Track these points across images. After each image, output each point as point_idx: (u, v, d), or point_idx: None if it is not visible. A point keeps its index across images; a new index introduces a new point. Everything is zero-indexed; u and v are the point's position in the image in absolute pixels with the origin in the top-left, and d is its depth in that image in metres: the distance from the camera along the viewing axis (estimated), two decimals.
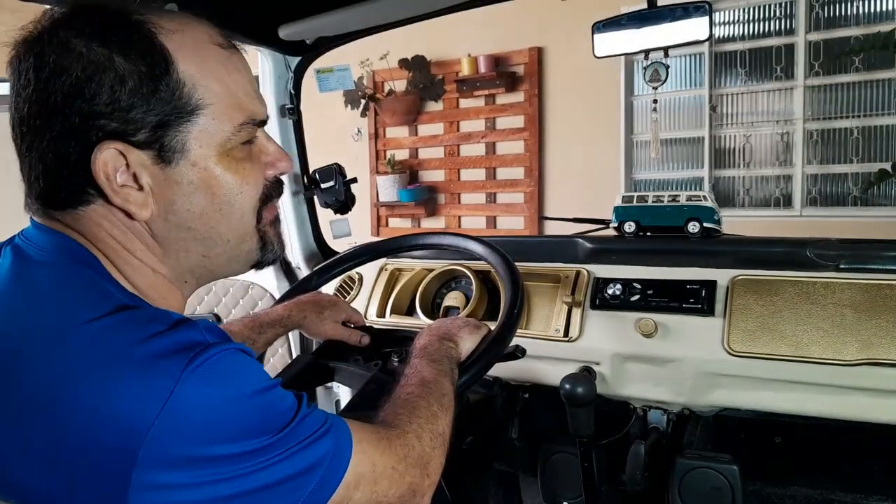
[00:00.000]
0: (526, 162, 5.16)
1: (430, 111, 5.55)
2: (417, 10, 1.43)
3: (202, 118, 0.62)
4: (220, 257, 0.68)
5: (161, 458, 0.52)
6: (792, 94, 4.31)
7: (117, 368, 0.54)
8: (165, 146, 0.61)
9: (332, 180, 1.64)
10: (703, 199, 1.34)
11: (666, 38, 1.27)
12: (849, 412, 1.11)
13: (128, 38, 0.59)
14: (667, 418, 1.26)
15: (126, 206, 0.61)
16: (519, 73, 5.11)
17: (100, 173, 0.60)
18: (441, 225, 5.60)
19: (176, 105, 0.61)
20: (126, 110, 0.59)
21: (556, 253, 1.42)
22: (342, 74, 1.72)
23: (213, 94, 0.63)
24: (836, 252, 1.19)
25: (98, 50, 0.58)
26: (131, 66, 0.59)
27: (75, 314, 0.57)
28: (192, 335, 0.57)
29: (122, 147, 0.60)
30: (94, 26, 0.59)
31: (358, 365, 1.08)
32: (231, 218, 0.66)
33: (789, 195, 4.42)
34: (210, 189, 0.64)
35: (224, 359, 0.56)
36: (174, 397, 0.52)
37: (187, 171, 0.63)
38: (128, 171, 0.61)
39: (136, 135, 0.60)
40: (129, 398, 0.52)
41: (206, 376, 0.55)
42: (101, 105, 0.58)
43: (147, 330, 0.56)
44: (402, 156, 5.70)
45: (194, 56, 0.62)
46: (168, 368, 0.54)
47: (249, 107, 0.66)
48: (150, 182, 0.62)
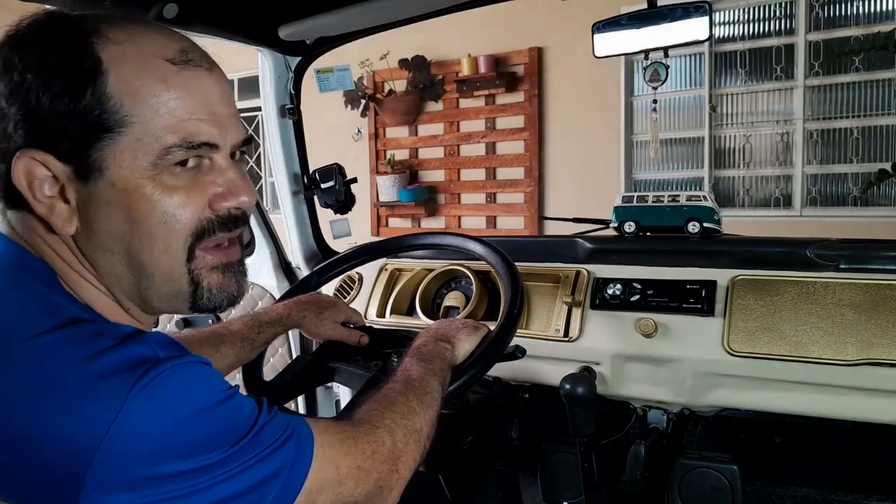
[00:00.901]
0: (526, 162, 5.16)
1: (430, 111, 5.55)
2: (417, 10, 1.43)
3: (126, 136, 0.58)
4: (150, 291, 0.63)
5: (110, 480, 0.51)
6: (792, 94, 4.31)
7: (62, 390, 0.52)
8: (85, 161, 0.58)
9: (332, 180, 1.64)
10: (703, 199, 1.34)
11: (666, 38, 1.27)
12: (849, 412, 1.11)
13: (63, 45, 0.58)
14: (667, 418, 1.26)
15: (49, 218, 0.59)
16: (519, 73, 5.11)
17: (20, 180, 0.58)
18: (441, 225, 5.60)
19: (98, 119, 0.57)
20: (48, 118, 0.57)
21: (556, 253, 1.42)
22: (342, 74, 1.72)
23: (143, 111, 0.58)
24: (836, 252, 1.19)
25: (33, 55, 0.57)
26: (59, 74, 0.57)
27: (21, 328, 0.55)
28: (141, 350, 0.54)
29: (42, 157, 0.57)
30: (41, 32, 0.58)
31: (358, 365, 1.08)
32: (153, 249, 0.61)
33: (789, 195, 4.42)
34: (130, 214, 0.59)
35: (175, 374, 0.54)
36: (121, 418, 0.51)
37: (105, 191, 0.58)
38: (56, 182, 0.58)
39: (58, 145, 0.57)
40: (75, 420, 0.51)
41: (154, 394, 0.52)
42: (27, 111, 0.57)
43: (94, 346, 0.54)
44: (402, 156, 5.71)
45: (132, 70, 0.58)
46: (114, 388, 0.52)
47: (188, 128, 0.60)
48: (74, 196, 0.59)
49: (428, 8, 1.42)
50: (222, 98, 0.63)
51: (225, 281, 0.66)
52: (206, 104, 0.61)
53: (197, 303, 0.64)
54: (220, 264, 0.65)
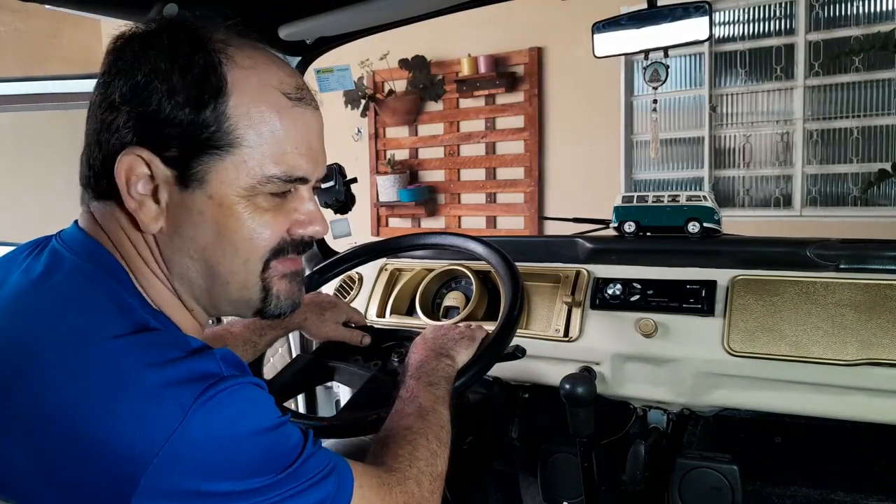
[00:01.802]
0: (526, 162, 5.16)
1: (430, 111, 5.55)
2: (417, 10, 1.43)
3: (233, 157, 0.62)
4: (220, 297, 0.67)
5: (163, 488, 0.52)
6: (792, 94, 4.31)
7: (130, 391, 0.53)
8: (189, 170, 0.61)
9: (333, 180, 1.64)
10: (703, 199, 1.34)
11: (666, 38, 1.27)
12: (848, 412, 1.11)
13: (193, 58, 0.61)
14: (667, 418, 1.26)
15: (137, 214, 0.62)
16: (519, 73, 5.11)
17: (120, 174, 0.61)
18: (441, 225, 5.60)
19: (212, 136, 0.61)
20: (164, 123, 0.60)
21: (556, 253, 1.42)
22: (342, 74, 1.72)
23: (254, 138, 0.62)
24: (836, 252, 1.19)
25: (163, 61, 0.60)
26: (185, 85, 0.60)
27: (94, 329, 0.57)
28: (208, 365, 0.56)
29: (149, 157, 0.61)
30: (171, 40, 0.62)
31: (358, 365, 1.09)
32: (233, 261, 0.65)
33: (789, 195, 4.42)
34: (219, 226, 0.63)
35: (236, 393, 0.56)
36: (182, 428, 0.52)
37: (201, 201, 0.62)
38: (151, 182, 0.62)
39: (166, 150, 0.61)
40: (138, 423, 0.52)
41: (216, 410, 0.54)
42: (147, 112, 0.60)
43: (164, 355, 0.56)
44: (402, 156, 5.71)
45: (253, 96, 0.62)
46: (179, 397, 0.53)
47: (290, 161, 0.64)
48: (167, 199, 0.62)
49: (428, 8, 1.42)
50: (319, 136, 0.68)
51: (291, 288, 0.70)
52: (307, 140, 0.66)
53: (265, 309, 0.69)
54: (289, 273, 0.69)
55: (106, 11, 1.17)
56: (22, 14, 5.84)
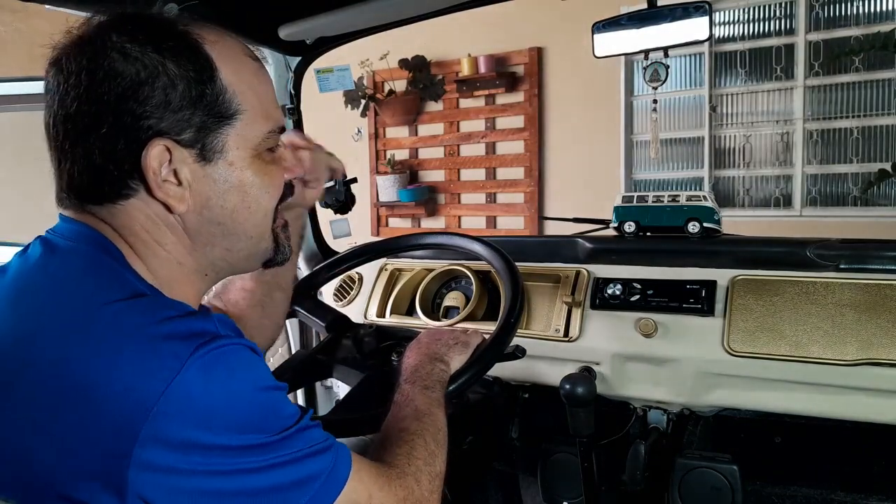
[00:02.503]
0: (526, 162, 5.16)
1: (430, 111, 5.55)
2: (417, 10, 1.44)
3: (239, 123, 0.67)
4: (241, 252, 0.72)
5: (161, 436, 0.53)
6: (792, 94, 4.31)
7: (129, 346, 0.56)
8: (207, 146, 0.66)
9: (332, 180, 1.64)
10: (703, 199, 1.34)
11: (666, 38, 1.27)
12: (848, 412, 1.11)
13: (178, 46, 0.64)
14: (667, 418, 1.26)
15: (166, 200, 0.65)
16: (519, 73, 5.11)
17: (149, 168, 0.63)
18: (441, 225, 5.60)
19: (219, 109, 0.66)
20: (175, 111, 0.63)
21: (556, 253, 1.42)
22: (342, 74, 1.72)
23: (248, 101, 0.68)
24: (836, 252, 1.19)
25: (152, 56, 0.63)
26: (182, 72, 0.63)
27: (94, 297, 0.60)
28: (204, 325, 0.59)
29: (170, 144, 0.64)
30: (146, 34, 0.64)
31: (355, 364, 1.09)
32: (257, 216, 0.71)
33: (789, 195, 4.42)
34: (243, 188, 0.69)
35: (232, 352, 0.58)
36: (179, 379, 0.54)
37: (224, 171, 0.67)
38: (169, 166, 0.65)
39: (181, 134, 0.64)
40: (137, 374, 0.54)
41: (212, 364, 0.56)
42: (154, 106, 0.63)
43: (161, 314, 0.59)
44: (402, 156, 5.71)
45: (232, 66, 0.67)
46: (176, 350, 0.56)
47: (275, 115, 0.71)
48: (188, 178, 0.66)
49: (428, 8, 1.42)
50: (273, 89, 0.75)
51: (287, 236, 0.78)
52: (274, 93, 0.73)
53: (275, 258, 0.76)
54: (283, 222, 0.77)
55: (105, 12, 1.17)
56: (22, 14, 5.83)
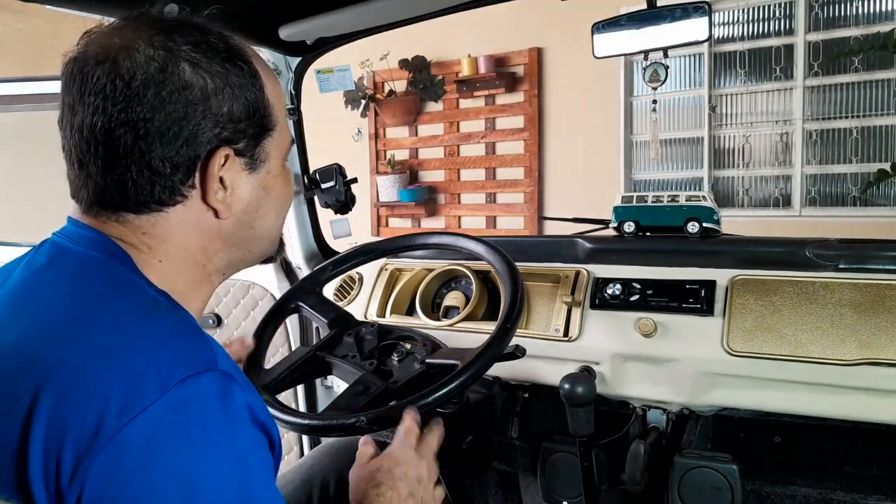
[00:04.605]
0: (526, 162, 5.16)
1: (430, 111, 5.55)
2: (417, 11, 1.44)
3: (276, 133, 0.71)
4: (258, 252, 0.77)
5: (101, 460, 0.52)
6: (791, 94, 4.32)
7: (124, 356, 0.56)
8: (255, 155, 0.69)
9: (333, 180, 1.64)
10: (703, 199, 1.35)
11: (665, 39, 1.27)
12: (848, 412, 1.11)
13: (236, 59, 0.67)
14: (666, 418, 1.26)
15: (216, 206, 0.68)
16: (519, 73, 5.11)
17: (212, 175, 0.66)
18: (441, 225, 5.61)
19: (266, 121, 0.69)
20: (236, 121, 0.66)
21: (555, 253, 1.42)
22: (342, 75, 1.72)
23: (280, 113, 0.72)
24: (836, 252, 1.19)
25: (218, 67, 0.65)
26: (243, 84, 0.67)
27: (99, 298, 0.60)
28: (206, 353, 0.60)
29: (229, 152, 0.67)
30: (209, 46, 0.65)
31: (354, 362, 1.09)
32: (280, 219, 0.76)
33: (788, 195, 4.42)
34: (274, 194, 0.73)
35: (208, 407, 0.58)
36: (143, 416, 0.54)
37: (264, 178, 0.71)
38: (223, 174, 0.67)
39: (238, 143, 0.67)
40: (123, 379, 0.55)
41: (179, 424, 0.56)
42: (220, 115, 0.65)
43: (169, 329, 0.60)
44: (402, 156, 5.71)
45: (270, 80, 0.71)
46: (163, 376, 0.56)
47: (289, 127, 0.77)
48: (233, 185, 0.68)
49: (428, 8, 1.43)
50: None
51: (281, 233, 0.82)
52: None
53: (276, 255, 0.80)
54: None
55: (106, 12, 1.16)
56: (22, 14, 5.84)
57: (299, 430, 1.00)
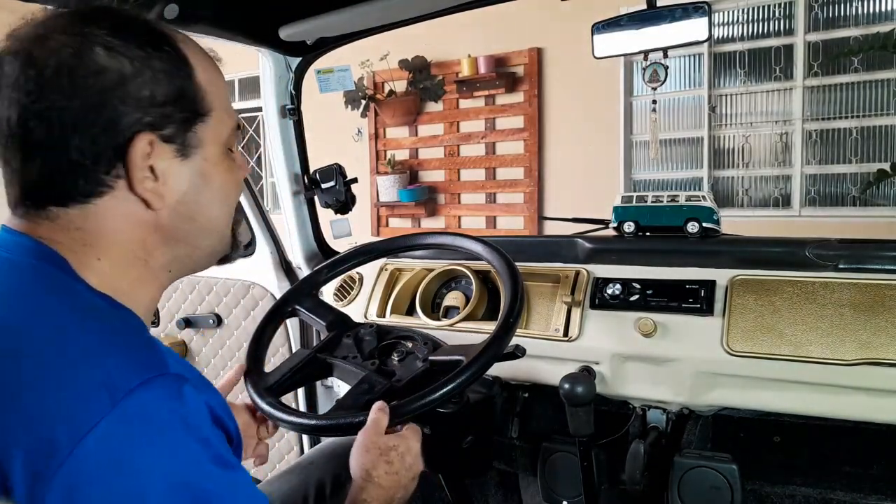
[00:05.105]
0: (526, 162, 5.16)
1: (430, 112, 5.55)
2: (417, 11, 1.44)
3: (212, 119, 0.68)
4: (206, 249, 0.73)
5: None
6: (791, 94, 4.32)
7: (70, 372, 0.55)
8: (186, 142, 0.66)
9: (333, 180, 1.64)
10: (703, 199, 1.35)
11: (665, 39, 1.27)
12: (847, 412, 1.11)
13: (160, 43, 0.65)
14: (666, 418, 1.26)
15: (145, 195, 0.64)
16: (519, 73, 5.12)
17: (133, 163, 0.63)
18: (441, 225, 5.61)
19: (197, 106, 0.67)
20: (159, 106, 0.64)
21: (555, 253, 1.42)
22: (343, 75, 1.72)
23: (217, 99, 0.69)
24: (835, 252, 1.19)
25: (136, 51, 0.63)
26: (165, 68, 0.64)
27: (39, 313, 0.58)
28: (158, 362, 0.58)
29: (153, 138, 0.64)
30: (126, 29, 0.64)
31: (355, 363, 1.09)
32: (224, 212, 0.73)
33: (788, 195, 4.43)
34: (216, 184, 0.70)
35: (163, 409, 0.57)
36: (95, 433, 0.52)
37: (200, 166, 0.68)
38: (147, 162, 0.64)
39: (164, 129, 0.64)
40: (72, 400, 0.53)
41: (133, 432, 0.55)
42: (139, 100, 0.62)
43: (110, 337, 0.58)
44: (402, 156, 5.71)
45: (202, 64, 0.68)
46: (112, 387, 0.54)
47: (234, 114, 0.72)
48: (166, 174, 0.65)
49: (428, 8, 1.43)
50: None
51: (238, 232, 0.79)
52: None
53: (231, 254, 0.77)
54: (236, 219, 0.77)
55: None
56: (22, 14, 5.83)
57: (307, 431, 1.00)
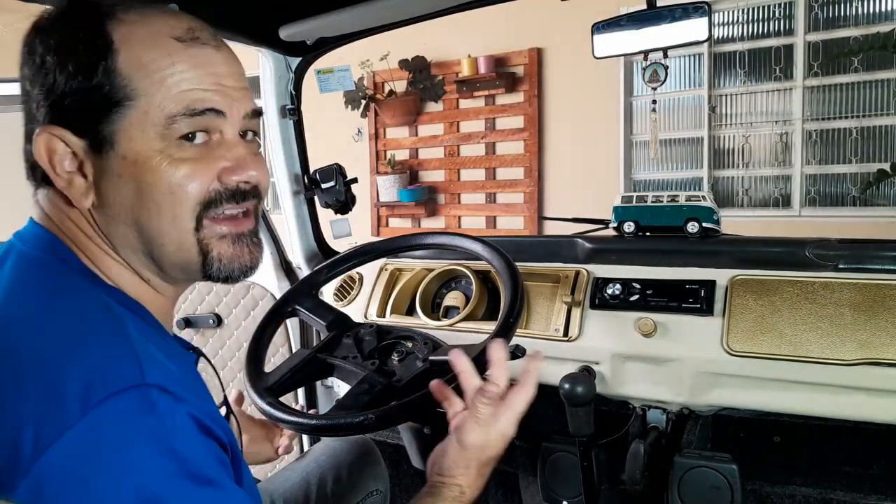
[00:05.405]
0: (526, 162, 5.16)
1: (430, 112, 5.55)
2: (418, 11, 1.44)
3: (134, 110, 0.60)
4: (162, 260, 0.64)
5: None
6: (791, 94, 4.32)
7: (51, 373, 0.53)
8: (98, 135, 0.60)
9: (333, 180, 1.64)
10: (702, 199, 1.35)
11: (665, 39, 1.27)
12: (847, 412, 1.11)
13: (79, 27, 0.60)
14: (666, 418, 1.27)
15: (67, 191, 0.62)
16: (519, 73, 5.12)
17: (41, 155, 0.60)
18: (441, 225, 5.61)
19: (108, 94, 0.59)
20: (63, 96, 0.59)
21: (555, 253, 1.42)
22: (343, 75, 1.72)
23: (149, 85, 0.60)
24: (835, 252, 1.19)
25: (52, 37, 0.60)
26: (74, 54, 0.59)
27: (33, 311, 0.57)
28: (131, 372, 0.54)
29: (60, 133, 0.60)
30: (64, 17, 0.62)
31: (356, 363, 1.09)
32: (161, 219, 0.62)
33: (788, 195, 4.43)
34: (139, 185, 0.61)
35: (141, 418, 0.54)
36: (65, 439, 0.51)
37: (117, 164, 0.60)
38: (75, 158, 0.61)
39: (73, 121, 0.60)
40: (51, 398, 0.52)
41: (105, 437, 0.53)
42: (46, 90, 0.60)
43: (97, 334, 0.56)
44: (403, 156, 5.71)
45: (141, 48, 0.60)
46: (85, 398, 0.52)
47: (191, 97, 0.61)
48: (91, 171, 0.61)
49: (428, 9, 1.43)
50: (230, 73, 0.64)
51: (236, 251, 0.66)
52: (211, 76, 0.62)
53: (208, 272, 0.65)
54: (231, 234, 0.65)
55: None
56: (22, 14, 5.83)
57: (307, 431, 1.00)
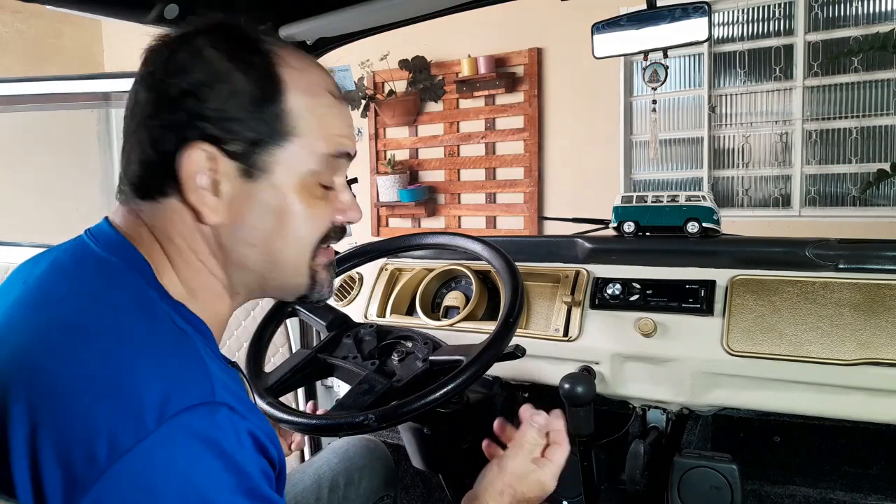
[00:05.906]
0: (526, 162, 5.16)
1: (430, 112, 5.55)
2: (418, 11, 1.44)
3: (294, 146, 0.66)
4: (273, 282, 0.72)
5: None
6: (791, 94, 4.32)
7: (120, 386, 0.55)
8: (253, 163, 0.65)
9: None
10: (702, 199, 1.35)
11: (665, 39, 1.27)
12: (847, 412, 1.11)
13: (252, 60, 0.66)
14: (666, 418, 1.27)
15: (199, 207, 0.65)
16: (519, 73, 5.11)
17: (184, 168, 0.63)
18: (441, 225, 5.61)
19: (276, 129, 0.65)
20: (229, 120, 0.64)
21: (555, 253, 1.42)
22: (343, 75, 1.72)
23: (311, 127, 0.67)
24: (835, 252, 1.19)
25: (223, 62, 0.64)
26: (246, 84, 0.64)
27: (108, 319, 0.59)
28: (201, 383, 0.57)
29: (214, 152, 0.64)
30: (227, 42, 0.66)
31: (356, 363, 1.09)
32: (291, 247, 0.69)
33: (788, 195, 4.43)
34: (281, 214, 0.67)
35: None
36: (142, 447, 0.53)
37: (266, 192, 0.66)
38: (211, 175, 0.64)
39: (229, 144, 0.64)
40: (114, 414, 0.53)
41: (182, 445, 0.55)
42: (209, 109, 0.63)
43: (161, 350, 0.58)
44: (403, 156, 5.71)
45: (306, 94, 0.67)
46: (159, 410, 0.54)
47: (339, 141, 0.70)
48: (229, 191, 0.65)
49: (428, 9, 1.43)
50: (352, 126, 0.75)
51: (329, 277, 0.75)
52: (349, 128, 0.73)
53: (310, 295, 0.74)
54: (328, 263, 0.75)
55: (106, 12, 1.17)
56: (22, 14, 5.83)
57: (307, 431, 1.00)
